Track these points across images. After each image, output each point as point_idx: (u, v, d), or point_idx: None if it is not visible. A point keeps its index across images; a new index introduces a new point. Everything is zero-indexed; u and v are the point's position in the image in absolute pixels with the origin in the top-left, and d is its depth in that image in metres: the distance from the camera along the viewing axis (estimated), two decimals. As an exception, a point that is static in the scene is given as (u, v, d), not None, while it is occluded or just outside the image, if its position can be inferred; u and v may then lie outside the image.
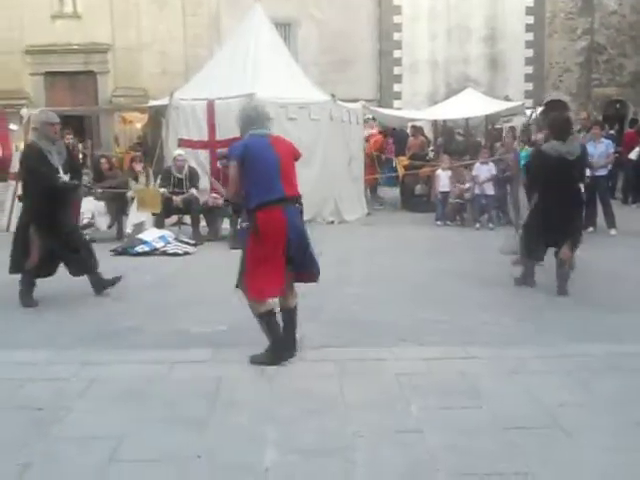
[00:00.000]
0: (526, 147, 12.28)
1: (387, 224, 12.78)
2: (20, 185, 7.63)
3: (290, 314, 5.26)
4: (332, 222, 12.68)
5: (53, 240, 6.84)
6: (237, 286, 5.24)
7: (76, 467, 3.44)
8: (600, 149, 11.50)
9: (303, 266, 5.22)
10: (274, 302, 5.19)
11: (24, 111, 13.74)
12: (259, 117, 5.20)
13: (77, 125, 23.03)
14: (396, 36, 26.16)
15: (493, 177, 12.52)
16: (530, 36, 26.14)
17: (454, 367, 4.88)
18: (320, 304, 6.82)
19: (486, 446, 3.66)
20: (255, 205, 4.96)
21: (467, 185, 12.69)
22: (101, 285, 7.15)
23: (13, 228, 11.61)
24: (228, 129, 11.83)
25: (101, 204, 10.76)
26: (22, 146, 14.06)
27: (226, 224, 11.08)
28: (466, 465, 3.46)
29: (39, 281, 7.06)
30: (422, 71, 26.14)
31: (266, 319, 5.10)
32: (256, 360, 5.04)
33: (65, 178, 6.86)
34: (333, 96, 13.01)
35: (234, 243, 10.24)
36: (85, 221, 10.60)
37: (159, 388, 4.53)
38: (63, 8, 23.92)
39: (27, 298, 6.83)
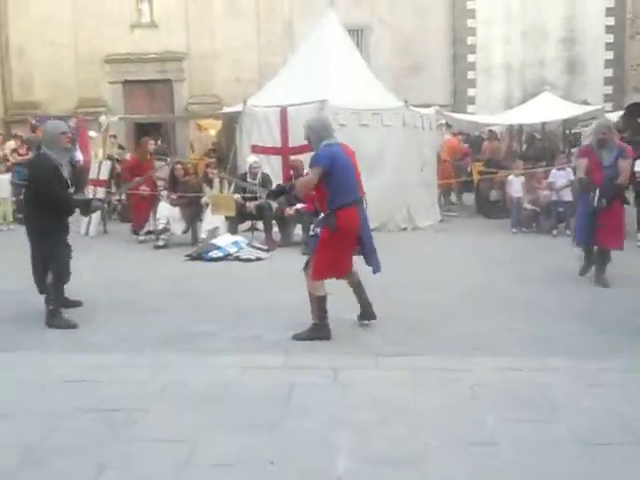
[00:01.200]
0: None
1: (461, 231, 12.60)
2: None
3: (359, 285, 6.25)
4: (404, 229, 12.58)
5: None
6: (304, 269, 6.13)
7: (152, 469, 3.49)
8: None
9: (367, 255, 6.29)
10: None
11: (102, 118, 14.17)
12: (330, 127, 6.16)
13: (154, 132, 23.64)
14: (470, 40, 25.81)
15: (570, 183, 12.18)
16: (610, 38, 25.37)
17: (531, 378, 4.76)
18: (392, 312, 6.77)
19: (564, 462, 3.55)
20: (337, 206, 5.80)
21: (545, 192, 12.40)
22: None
23: (92, 233, 12.05)
24: (301, 136, 11.87)
25: (176, 210, 10.95)
26: (101, 153, 14.52)
27: (298, 230, 11.13)
28: (544, 480, 3.36)
29: (114, 286, 7.20)
30: (497, 75, 25.71)
31: (323, 301, 5.91)
32: (300, 337, 5.81)
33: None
34: (406, 102, 12.92)
35: (306, 249, 10.29)
36: (160, 227, 10.81)
37: (232, 392, 4.56)
38: (141, 18, 24.53)
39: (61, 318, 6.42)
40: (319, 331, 5.90)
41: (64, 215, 6.63)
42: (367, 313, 6.29)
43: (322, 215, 10.29)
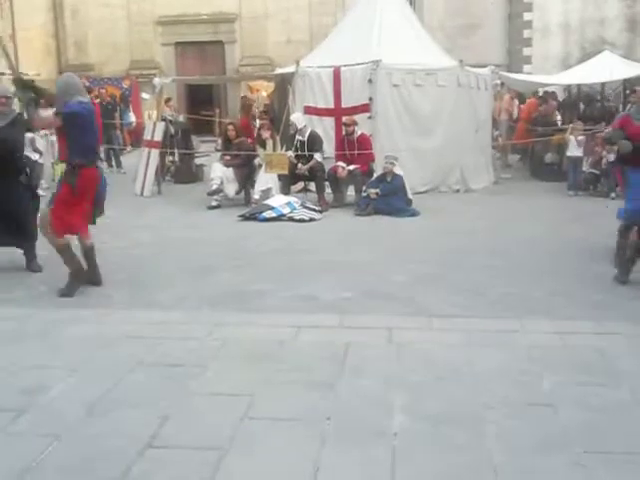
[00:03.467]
0: None
1: (515, 193, 12.39)
2: None
3: (91, 250, 6.34)
4: (458, 190, 12.43)
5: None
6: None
7: (211, 421, 3.57)
8: None
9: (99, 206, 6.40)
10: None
11: (156, 80, 14.20)
12: (78, 85, 6.20)
13: (206, 94, 23.73)
14: (527, -2, 25.14)
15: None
16: (674, -7, 24.45)
17: (589, 342, 4.71)
18: (445, 273, 6.75)
19: (625, 425, 3.51)
20: (78, 164, 5.94)
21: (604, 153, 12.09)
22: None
23: (147, 193, 12.23)
24: (354, 96, 11.83)
25: (229, 170, 11.00)
26: (154, 114, 14.64)
27: (351, 191, 11.11)
28: (603, 443, 3.33)
29: (171, 245, 7.25)
30: (554, 34, 25.00)
31: (67, 249, 6.12)
32: (64, 293, 5.98)
33: None
34: (461, 62, 12.67)
35: (359, 210, 10.29)
36: (214, 187, 10.90)
37: (288, 351, 4.62)
38: (192, -21, 24.50)
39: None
40: (77, 278, 6.11)
41: None
42: (91, 278, 6.32)
43: (376, 176, 10.23)
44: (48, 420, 3.61)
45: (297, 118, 11.26)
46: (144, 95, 19.75)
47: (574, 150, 12.69)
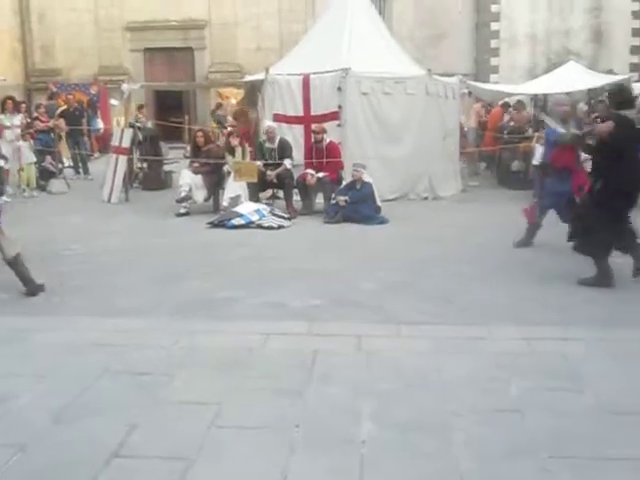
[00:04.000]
0: None
1: (483, 201, 12.50)
2: None
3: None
4: (426, 198, 12.51)
5: None
6: None
7: (179, 430, 3.55)
8: None
9: None
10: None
11: (124, 86, 14.11)
12: None
13: (175, 101, 23.60)
14: (494, 8, 25.38)
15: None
16: (637, 6, 24.85)
17: (555, 348, 4.76)
18: (413, 281, 6.78)
19: (590, 430, 3.55)
20: None
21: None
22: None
23: (114, 200, 12.12)
24: (323, 104, 11.86)
25: (198, 177, 10.96)
26: (122, 121, 14.53)
27: (320, 199, 11.12)
28: (569, 448, 3.37)
29: (139, 252, 7.20)
30: (521, 44, 25.32)
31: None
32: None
33: None
34: (429, 70, 12.78)
35: (328, 217, 10.30)
36: (183, 194, 10.84)
37: (256, 358, 4.61)
38: (162, -15, 24.40)
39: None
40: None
41: None
42: None
43: (344, 183, 10.35)
44: (14, 429, 3.56)
45: (267, 124, 11.27)
46: (112, 101, 19.61)
47: (540, 158, 12.84)
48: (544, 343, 4.88)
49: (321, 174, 10.82)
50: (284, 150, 11.05)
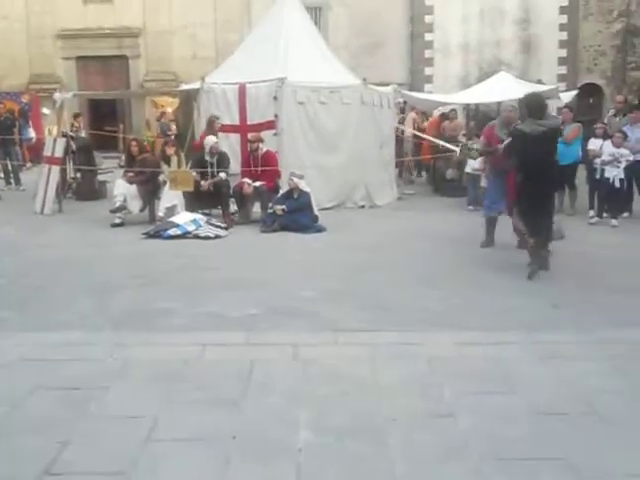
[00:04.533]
0: None
1: (418, 209, 12.70)
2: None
3: None
4: (363, 207, 12.63)
5: None
6: None
7: (114, 445, 3.49)
8: (638, 134, 11.28)
9: None
10: None
11: (57, 95, 13.82)
12: None
13: (109, 109, 23.26)
14: (428, 19, 25.90)
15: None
16: (564, 19, 25.70)
17: (487, 352, 4.87)
18: (350, 289, 6.83)
19: (521, 432, 3.65)
20: None
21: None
22: None
23: (47, 211, 11.86)
24: (259, 113, 11.87)
25: (133, 187, 10.81)
26: (55, 130, 14.25)
27: (257, 208, 11.11)
28: (500, 450, 3.45)
29: (72, 264, 7.08)
30: (454, 54, 25.87)
31: None
32: None
33: None
34: (364, 80, 12.93)
35: (265, 226, 10.30)
36: (117, 204, 10.68)
37: (193, 370, 4.57)
38: (95, -8, 24.06)
39: None
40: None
41: None
42: None
43: (281, 192, 10.37)
44: (-62, 450, 3.45)
45: (211, 141, 11.14)
46: (44, 110, 19.21)
47: (473, 166, 13.12)
48: (476, 348, 4.98)
49: (258, 183, 10.82)
50: (222, 161, 11.01)
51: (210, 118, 11.54)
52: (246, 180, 10.89)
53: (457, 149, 14.05)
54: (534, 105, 7.49)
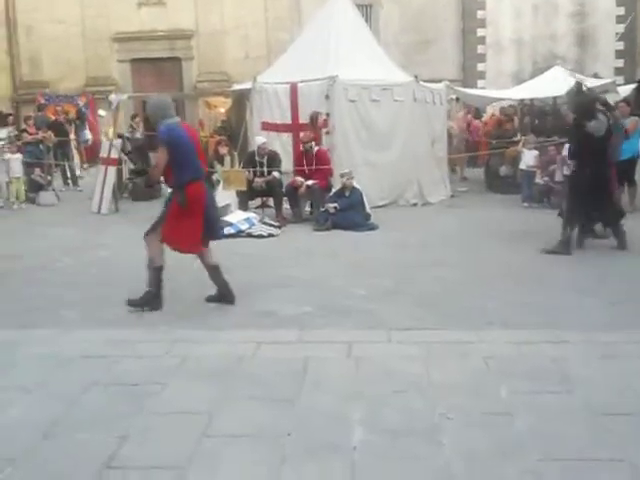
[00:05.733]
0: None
1: (472, 206, 12.57)
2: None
3: (214, 268, 6.31)
4: (415, 204, 12.57)
5: None
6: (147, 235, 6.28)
7: (171, 440, 3.55)
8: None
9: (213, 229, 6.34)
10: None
11: (113, 97, 14.12)
12: (169, 106, 6.12)
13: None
14: (480, 14, 25.58)
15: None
16: (621, 10, 25.09)
17: (544, 351, 4.79)
18: (403, 286, 6.81)
19: (578, 432, 3.58)
20: (184, 182, 5.91)
21: (552, 167, 12.37)
22: None
23: (104, 211, 12.10)
24: (311, 112, 11.89)
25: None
26: (111, 132, 14.53)
27: (309, 207, 11.15)
28: (557, 450, 3.39)
29: (129, 263, 7.18)
30: (507, 49, 25.50)
31: (159, 271, 6.09)
32: (133, 302, 5.98)
33: None
34: (416, 77, 12.85)
35: (317, 225, 10.32)
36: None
37: (247, 367, 4.61)
38: (147, -5, 24.42)
39: None
40: (150, 300, 6.03)
41: None
42: (223, 296, 6.29)
43: (334, 190, 10.33)
44: (2, 443, 3.55)
45: (260, 140, 11.25)
46: (101, 112, 19.58)
47: (527, 162, 12.93)
48: (531, 346, 4.91)
49: (310, 182, 10.85)
50: (273, 161, 11.08)
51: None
52: (299, 179, 10.94)
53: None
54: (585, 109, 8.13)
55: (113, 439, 3.54)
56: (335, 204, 10.33)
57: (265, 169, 10.94)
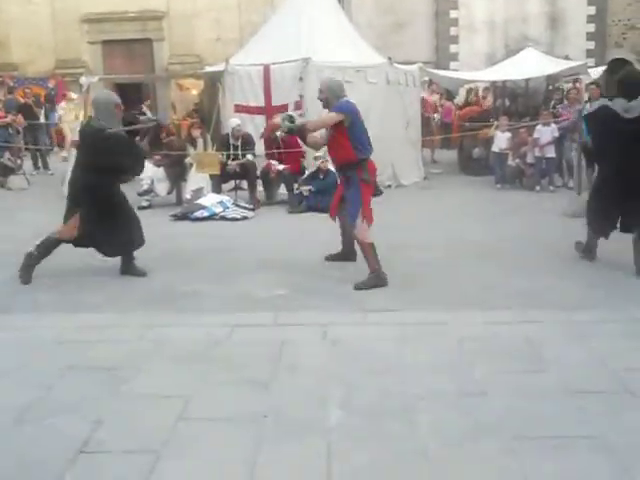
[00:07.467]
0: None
1: (445, 188, 12.63)
2: None
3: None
4: (389, 186, 12.56)
5: None
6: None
7: (146, 424, 3.53)
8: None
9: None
10: None
11: (83, 79, 13.89)
12: (343, 87, 6.48)
13: (134, 93, 23.32)
14: (453, -4, 25.59)
15: (555, 140, 12.22)
16: (593, -7, 25.26)
17: (518, 331, 4.83)
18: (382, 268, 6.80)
19: (552, 410, 3.62)
20: (364, 157, 6.30)
21: (524, 149, 12.48)
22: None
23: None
24: (284, 94, 11.83)
25: (160, 170, 10.86)
26: (82, 114, 14.31)
27: (282, 189, 11.11)
28: (531, 428, 3.43)
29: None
30: (480, 31, 25.52)
31: (374, 248, 6.32)
32: (360, 286, 6.07)
33: None
34: (389, 59, 12.82)
35: (292, 207, 10.30)
36: (145, 187, 10.74)
37: (223, 350, 4.60)
38: (118, -24, 24.05)
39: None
40: (378, 278, 6.17)
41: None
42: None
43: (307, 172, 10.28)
44: (-25, 429, 3.51)
45: (234, 123, 11.18)
46: (72, 95, 19.30)
47: (500, 144, 13.00)
48: (505, 327, 4.94)
49: (281, 167, 10.81)
50: (247, 143, 11.01)
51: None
52: (273, 162, 10.89)
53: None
54: (629, 82, 6.31)
55: (87, 424, 3.51)
56: (309, 186, 10.30)
57: (240, 152, 10.88)
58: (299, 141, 10.99)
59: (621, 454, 3.19)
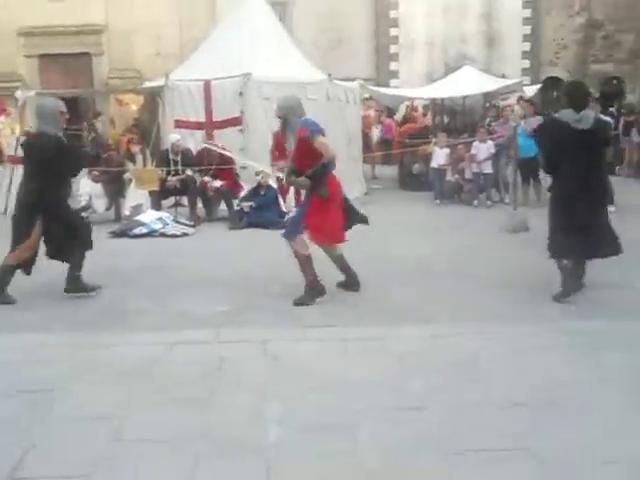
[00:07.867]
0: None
1: (386, 203, 12.71)
2: None
3: (340, 259, 6.59)
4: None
5: None
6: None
7: (79, 446, 3.43)
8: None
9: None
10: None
11: (19, 93, 13.61)
12: (301, 105, 6.51)
13: (72, 108, 22.92)
14: (392, 14, 25.93)
15: (491, 156, 12.47)
16: (527, 13, 25.91)
17: (457, 345, 4.88)
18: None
19: (488, 423, 3.66)
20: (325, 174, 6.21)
21: (462, 165, 12.71)
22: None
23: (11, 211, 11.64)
24: (225, 110, 11.79)
25: (98, 186, 10.70)
26: (17, 129, 13.99)
27: (223, 205, 11.05)
28: (468, 441, 3.46)
29: (38, 265, 6.94)
30: (419, 49, 25.94)
31: (309, 260, 6.28)
32: (300, 301, 6.06)
33: None
34: (330, 75, 12.92)
35: (233, 223, 10.24)
36: (82, 203, 10.54)
37: (161, 369, 4.53)
38: (56, -11, 23.66)
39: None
40: (314, 290, 6.18)
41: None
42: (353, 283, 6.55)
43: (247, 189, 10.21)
44: None
45: (174, 138, 11.08)
46: (11, 109, 18.85)
47: (439, 160, 13.20)
48: (446, 340, 4.99)
49: (218, 183, 10.76)
50: (187, 159, 10.93)
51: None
52: (206, 179, 10.82)
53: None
54: (575, 93, 6.22)
55: (17, 449, 3.40)
56: (250, 202, 10.27)
57: (180, 167, 10.78)
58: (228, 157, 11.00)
59: (550, 465, 3.24)
